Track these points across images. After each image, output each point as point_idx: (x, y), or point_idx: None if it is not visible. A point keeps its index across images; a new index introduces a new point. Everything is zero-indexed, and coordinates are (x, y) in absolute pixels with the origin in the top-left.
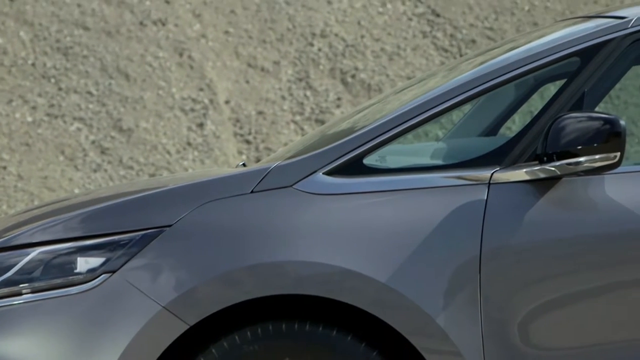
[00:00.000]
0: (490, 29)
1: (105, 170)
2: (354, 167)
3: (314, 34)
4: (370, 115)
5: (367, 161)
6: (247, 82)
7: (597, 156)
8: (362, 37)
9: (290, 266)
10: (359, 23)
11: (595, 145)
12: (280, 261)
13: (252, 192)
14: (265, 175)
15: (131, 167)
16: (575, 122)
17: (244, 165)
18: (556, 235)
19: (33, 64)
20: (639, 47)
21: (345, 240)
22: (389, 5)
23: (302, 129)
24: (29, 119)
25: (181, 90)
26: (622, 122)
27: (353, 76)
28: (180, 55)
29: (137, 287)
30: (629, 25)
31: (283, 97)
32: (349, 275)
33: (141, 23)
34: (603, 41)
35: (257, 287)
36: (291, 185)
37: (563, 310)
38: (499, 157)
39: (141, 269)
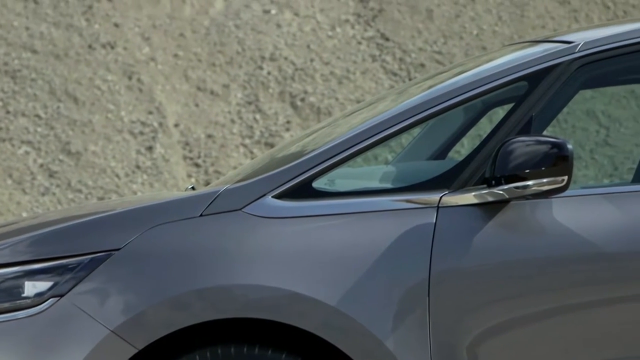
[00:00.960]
0: (439, 52)
1: (54, 194)
2: (303, 191)
3: (263, 58)
4: (320, 139)
5: (316, 184)
6: (197, 105)
7: (545, 180)
8: (312, 60)
9: (239, 290)
10: (308, 47)
11: (543, 168)
12: (229, 285)
13: (201, 215)
14: (215, 199)
15: (80, 191)
16: (523, 145)
17: (192, 188)
18: (504, 258)
19: None
20: (586, 71)
21: (295, 264)
22: (338, 29)
23: (251, 152)
24: None
25: (130, 114)
26: (570, 146)
27: (302, 99)
28: (130, 78)
29: (85, 311)
30: (576, 50)
31: (232, 121)
32: (298, 299)
33: (90, 46)
34: (550, 65)
35: (206, 311)
36: (240, 209)
37: (512, 334)
38: (447, 180)
39: (89, 293)
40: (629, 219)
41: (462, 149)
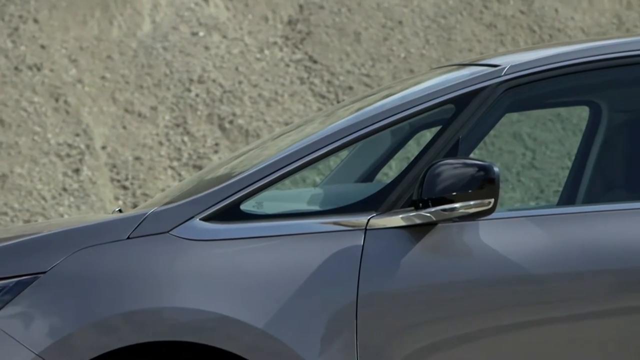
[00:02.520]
0: (367, 75)
1: None
2: (231, 213)
3: (191, 80)
4: (248, 161)
5: (244, 207)
6: (124, 127)
7: (471, 202)
8: (240, 82)
9: (167, 312)
10: (236, 69)
11: (470, 191)
12: (156, 307)
13: (128, 238)
14: (142, 222)
15: (5, 213)
16: (450, 168)
17: (120, 211)
18: (432, 281)
19: None
20: (512, 94)
21: (222, 287)
22: (266, 52)
23: (179, 174)
24: None
25: (57, 136)
26: (496, 169)
27: (231, 122)
28: (56, 100)
29: (11, 335)
30: (502, 73)
31: (160, 143)
32: (225, 322)
33: (16, 68)
34: (477, 89)
35: (133, 334)
36: (168, 232)
37: (440, 356)
38: (375, 203)
39: (15, 317)
40: (555, 241)
41: (390, 171)
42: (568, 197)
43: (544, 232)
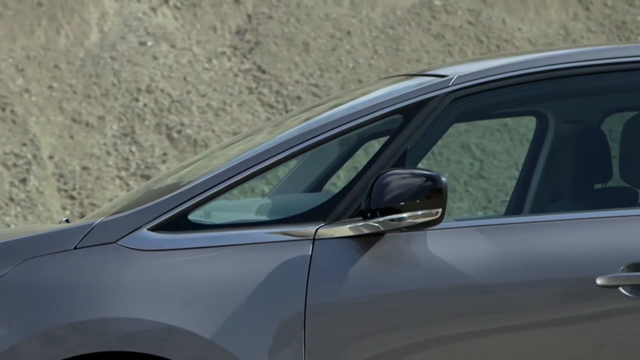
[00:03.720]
0: (316, 85)
1: None
2: (179, 223)
3: (139, 90)
4: (196, 171)
5: (192, 217)
6: (72, 137)
7: (419, 212)
8: (188, 92)
9: (115, 323)
10: (184, 79)
11: (417, 201)
12: (104, 318)
13: (75, 248)
14: (89, 232)
15: None
16: (398, 178)
17: (67, 221)
18: (379, 291)
19: None
20: (460, 105)
21: (170, 297)
22: (215, 61)
23: (127, 184)
24: None
25: (3, 145)
26: (444, 179)
27: (179, 132)
28: (3, 109)
29: None
30: (450, 84)
31: (108, 153)
32: (173, 332)
33: None
34: (425, 99)
35: (80, 345)
36: (115, 242)
37: None
38: (323, 213)
39: None
40: (502, 251)
41: (338, 181)
42: (515, 207)
43: (491, 242)
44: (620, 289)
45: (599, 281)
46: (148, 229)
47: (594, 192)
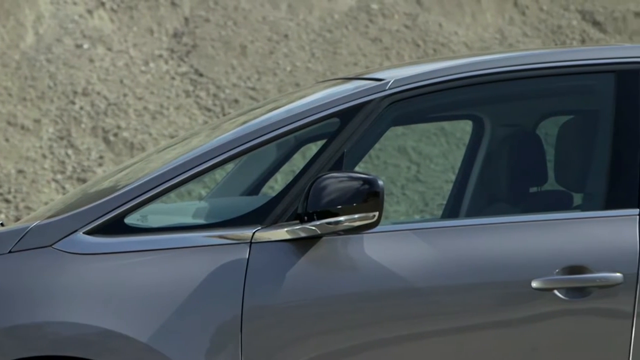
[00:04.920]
0: (253, 88)
1: None
2: (115, 227)
3: (75, 92)
4: (133, 174)
5: (128, 220)
6: (7, 140)
7: (356, 215)
8: (125, 95)
9: (49, 327)
10: (121, 81)
11: (354, 204)
12: (38, 322)
13: (10, 252)
14: (24, 235)
15: None
16: (335, 182)
17: (1, 224)
18: (316, 294)
19: None
20: (397, 108)
21: (106, 301)
22: (151, 64)
23: (63, 187)
24: None
25: None
26: (381, 182)
27: (115, 135)
28: None
29: None
30: (387, 87)
31: (44, 156)
32: (109, 336)
33: None
34: (362, 102)
35: (15, 349)
36: (50, 245)
37: None
38: (260, 216)
39: None
40: (439, 254)
41: (276, 184)
42: (452, 210)
43: (428, 245)
44: (556, 291)
45: (534, 284)
46: (84, 233)
47: (529, 195)
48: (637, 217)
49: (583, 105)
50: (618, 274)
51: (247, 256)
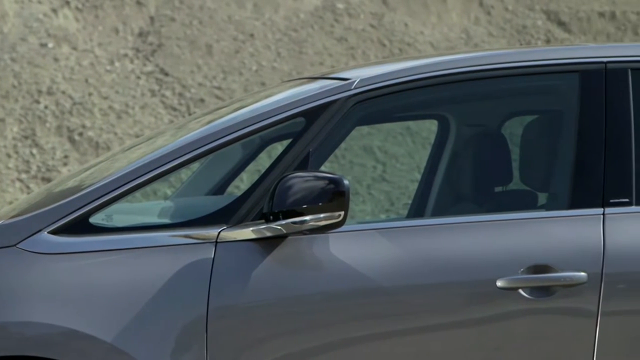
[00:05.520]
0: (219, 88)
1: None
2: (80, 226)
3: (40, 92)
4: (98, 174)
5: (93, 220)
6: None
7: (322, 215)
8: (90, 94)
9: (13, 327)
10: (86, 81)
11: (320, 204)
12: (2, 322)
13: None
14: None
15: None
16: (301, 181)
17: None
18: (282, 293)
19: None
20: (362, 108)
21: (71, 300)
22: (117, 64)
23: (27, 187)
24: None
25: None
26: (346, 182)
27: (80, 134)
28: None
29: None
30: (352, 87)
31: (8, 155)
32: (74, 336)
33: None
34: (327, 102)
35: None
36: (15, 245)
37: None
38: (226, 215)
39: None
40: (404, 253)
41: (241, 184)
42: (417, 210)
43: (394, 245)
44: (520, 291)
45: (499, 283)
46: (49, 232)
47: (494, 195)
48: (601, 216)
49: (548, 105)
50: (582, 273)
51: (212, 256)
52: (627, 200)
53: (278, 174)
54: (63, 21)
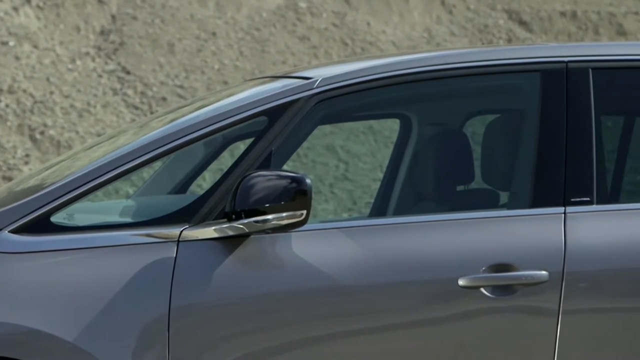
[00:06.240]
0: (181, 87)
1: None
2: (42, 225)
3: (1, 90)
4: (59, 173)
5: (54, 219)
6: None
7: (284, 214)
8: (52, 93)
9: None
10: (48, 79)
11: (282, 203)
12: None
13: None
14: None
15: None
16: (263, 180)
17: None
18: (244, 292)
19: None
20: (324, 107)
21: (32, 300)
22: (78, 62)
23: None
24: None
25: None
26: (309, 181)
27: (42, 133)
28: None
29: None
30: (315, 86)
31: None
32: (36, 336)
33: None
34: (289, 101)
35: None
36: None
37: None
38: (188, 214)
39: None
40: (367, 252)
41: (204, 183)
42: (379, 209)
43: (356, 244)
44: (482, 289)
45: (461, 282)
46: (9, 231)
47: (456, 194)
48: (563, 215)
49: (509, 104)
50: (544, 272)
51: (174, 255)
52: (588, 199)
53: (240, 172)
54: (24, 19)
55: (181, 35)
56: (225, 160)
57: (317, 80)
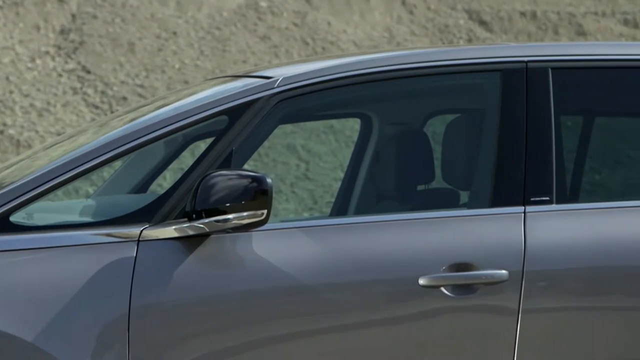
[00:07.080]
0: (141, 86)
1: None
2: (0, 225)
3: None
4: (18, 172)
5: (13, 218)
6: None
7: (245, 213)
8: (11, 92)
9: None
10: (7, 78)
11: (243, 202)
12: None
13: None
14: None
15: None
16: (224, 179)
17: None
18: (204, 292)
19: None
20: (285, 106)
21: None
22: (38, 61)
23: None
24: None
25: None
26: (269, 180)
27: (1, 132)
28: None
29: None
30: (275, 85)
31: None
32: None
33: None
34: (250, 100)
35: None
36: None
37: None
38: (149, 214)
39: None
40: (327, 252)
41: (164, 182)
42: (340, 208)
43: (316, 243)
44: (442, 289)
45: (421, 281)
46: None
47: (416, 193)
48: (522, 214)
49: (469, 104)
50: (503, 271)
51: (134, 254)
52: (547, 198)
53: (201, 172)
54: None
55: (142, 35)
56: (186, 159)
57: (277, 80)
